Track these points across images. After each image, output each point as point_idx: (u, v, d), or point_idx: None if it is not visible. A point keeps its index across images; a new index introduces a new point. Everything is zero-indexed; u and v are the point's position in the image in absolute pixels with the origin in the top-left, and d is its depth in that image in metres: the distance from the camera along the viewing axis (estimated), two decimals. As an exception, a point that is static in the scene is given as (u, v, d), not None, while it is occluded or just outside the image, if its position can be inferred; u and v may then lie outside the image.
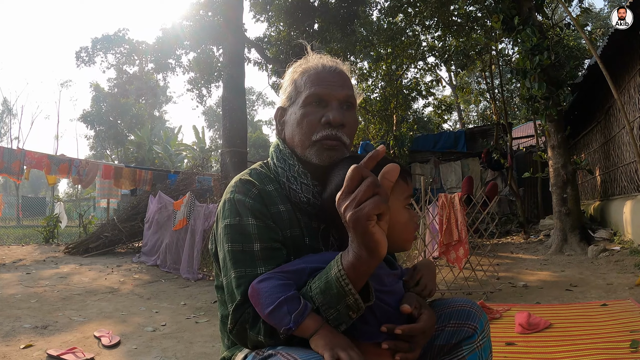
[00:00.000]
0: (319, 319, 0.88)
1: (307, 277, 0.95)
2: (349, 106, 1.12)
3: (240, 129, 10.64)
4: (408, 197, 1.04)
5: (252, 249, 0.99)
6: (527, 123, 18.74)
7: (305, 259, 0.99)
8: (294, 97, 1.13)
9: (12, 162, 8.97)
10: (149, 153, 28.23)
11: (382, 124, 12.27)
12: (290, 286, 0.91)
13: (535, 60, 6.30)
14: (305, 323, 0.86)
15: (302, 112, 1.09)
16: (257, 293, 0.91)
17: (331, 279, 0.86)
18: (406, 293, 1.07)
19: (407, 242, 1.05)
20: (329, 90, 1.09)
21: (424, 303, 1.06)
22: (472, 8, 11.55)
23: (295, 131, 1.10)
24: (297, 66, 1.17)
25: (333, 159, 1.07)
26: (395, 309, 1.00)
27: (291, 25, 12.83)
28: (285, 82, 1.18)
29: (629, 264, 4.88)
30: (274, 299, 0.88)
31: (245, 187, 1.05)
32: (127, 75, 20.00)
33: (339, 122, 1.07)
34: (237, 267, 0.99)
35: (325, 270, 0.89)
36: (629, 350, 2.37)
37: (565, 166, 6.58)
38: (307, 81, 1.11)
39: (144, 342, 3.07)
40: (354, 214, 0.77)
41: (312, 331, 0.86)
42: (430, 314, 1.01)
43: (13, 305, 4.16)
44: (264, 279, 0.93)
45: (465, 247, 4.20)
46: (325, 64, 1.14)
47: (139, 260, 7.30)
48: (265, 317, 0.90)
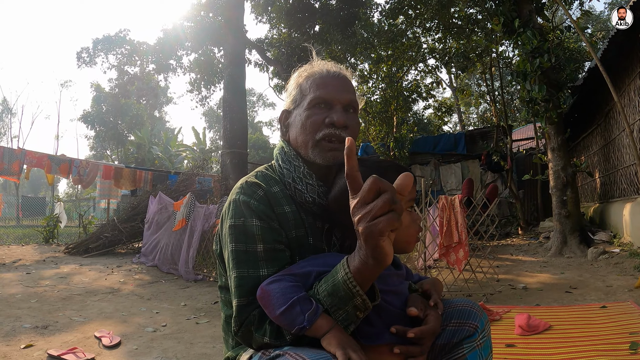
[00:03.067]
0: (331, 319, 0.90)
1: (313, 280, 0.96)
2: (352, 110, 1.16)
3: (240, 130, 10.65)
4: (411, 200, 1.05)
5: (255, 249, 1.01)
6: (527, 125, 18.76)
7: (311, 262, 1.01)
8: (299, 100, 1.16)
9: (12, 163, 8.98)
10: (149, 154, 28.20)
11: (382, 126, 12.30)
12: (300, 287, 0.93)
13: (535, 62, 6.32)
14: (318, 322, 0.88)
15: (307, 114, 1.12)
16: (268, 294, 0.92)
17: (338, 282, 0.88)
18: (411, 295, 1.09)
19: (408, 245, 1.06)
20: (333, 94, 1.12)
21: (428, 304, 1.08)
22: (472, 10, 11.59)
23: (299, 132, 1.13)
24: (302, 71, 1.20)
25: (337, 159, 1.09)
26: (400, 309, 1.01)
27: (292, 26, 12.86)
28: (290, 86, 1.21)
29: (629, 266, 4.89)
30: (286, 299, 0.90)
31: (251, 189, 1.07)
32: (128, 76, 20.03)
33: (343, 124, 1.10)
34: (239, 268, 1.01)
35: (332, 274, 0.91)
36: (629, 352, 2.38)
37: (565, 169, 6.59)
38: (312, 85, 1.14)
39: (144, 342, 3.07)
40: (367, 227, 0.78)
41: (325, 331, 0.88)
42: (436, 315, 1.03)
43: (13, 305, 4.16)
44: (274, 280, 0.94)
45: (465, 249, 4.21)
46: (329, 69, 1.17)
47: (139, 260, 7.30)
48: (276, 317, 0.91)
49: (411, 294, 1.11)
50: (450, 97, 25.86)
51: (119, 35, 17.90)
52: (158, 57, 16.24)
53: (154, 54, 16.42)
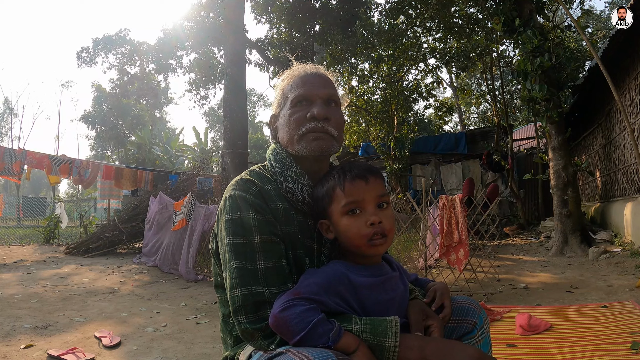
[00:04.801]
0: (357, 337, 0.93)
1: (325, 299, 0.97)
2: (334, 104, 1.19)
3: (241, 130, 10.64)
4: (347, 204, 1.05)
5: (252, 241, 1.03)
6: (527, 125, 18.74)
7: (318, 282, 1.00)
8: (283, 103, 1.21)
9: (13, 163, 8.98)
10: (150, 154, 28.23)
11: (383, 126, 12.29)
12: (317, 310, 0.94)
13: (536, 62, 6.31)
14: (344, 340, 0.91)
15: (290, 112, 1.16)
16: (284, 321, 0.92)
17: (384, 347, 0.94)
18: (411, 301, 1.10)
19: (360, 247, 1.05)
20: (312, 90, 1.16)
21: (431, 312, 1.10)
22: (472, 10, 11.57)
23: (285, 130, 1.17)
24: (283, 76, 1.25)
25: (322, 148, 1.12)
26: (396, 314, 1.02)
27: (292, 26, 12.85)
28: (275, 92, 1.26)
29: (630, 265, 4.88)
30: (305, 323, 0.91)
31: (246, 185, 1.10)
32: (128, 76, 20.04)
33: (323, 116, 1.13)
34: (237, 259, 1.03)
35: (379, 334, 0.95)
36: (630, 352, 2.37)
37: (566, 168, 6.57)
38: (292, 86, 1.19)
39: (144, 342, 3.07)
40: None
41: (354, 348, 0.91)
42: (440, 325, 1.06)
43: (13, 305, 4.16)
44: (287, 307, 0.94)
45: (465, 248, 4.20)
46: (307, 69, 1.22)
47: (139, 260, 7.30)
48: (296, 342, 0.91)
49: (412, 300, 1.12)
50: (450, 96, 25.84)
51: (119, 35, 17.86)
52: (158, 57, 16.24)
53: (154, 54, 16.42)
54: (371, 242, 1.02)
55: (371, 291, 1.03)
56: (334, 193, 1.07)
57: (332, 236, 1.09)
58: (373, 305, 1.02)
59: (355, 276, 1.02)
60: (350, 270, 1.03)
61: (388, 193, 1.11)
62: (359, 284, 1.02)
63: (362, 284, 1.02)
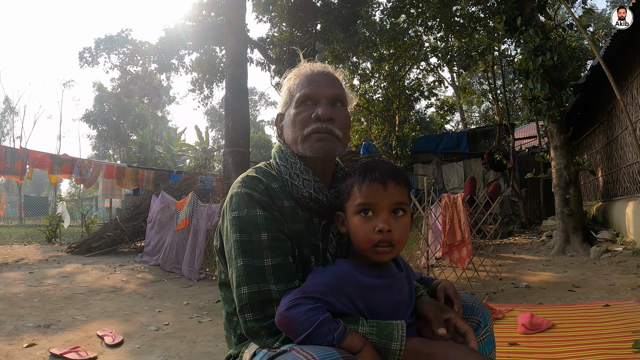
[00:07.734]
0: (362, 337, 0.93)
1: (330, 297, 0.97)
2: (340, 104, 1.18)
3: (242, 129, 10.63)
4: (360, 204, 1.03)
5: (259, 238, 1.03)
6: (529, 124, 18.70)
7: (325, 281, 0.99)
8: (289, 102, 1.21)
9: (15, 162, 9.00)
10: (151, 153, 28.24)
11: (384, 125, 12.27)
12: (322, 309, 0.94)
13: (537, 61, 6.30)
14: (349, 340, 0.91)
15: (295, 112, 1.16)
16: (290, 320, 0.93)
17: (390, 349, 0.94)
18: (423, 298, 1.11)
19: (364, 251, 1.03)
20: (317, 90, 1.15)
21: (445, 306, 1.10)
22: (474, 9, 11.55)
23: (290, 130, 1.16)
24: (290, 75, 1.24)
25: (326, 149, 1.11)
26: (402, 316, 1.02)
27: (294, 25, 12.86)
28: (282, 91, 1.25)
29: (632, 264, 4.87)
30: (311, 322, 0.91)
31: (252, 182, 1.09)
32: (130, 76, 20.07)
33: (328, 116, 1.12)
34: (244, 256, 1.02)
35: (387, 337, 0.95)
36: (632, 351, 2.37)
37: (567, 167, 6.56)
38: (298, 85, 1.18)
39: (147, 341, 3.07)
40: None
41: (359, 348, 0.91)
42: (458, 316, 1.07)
43: (16, 304, 4.18)
44: (293, 305, 0.94)
45: (468, 247, 4.20)
46: (314, 68, 1.21)
47: (141, 260, 7.31)
48: (301, 340, 0.91)
49: (423, 297, 1.11)
50: (452, 95, 25.79)
51: (121, 35, 17.91)
52: (160, 57, 16.26)
53: (156, 53, 16.45)
54: (375, 249, 1.01)
55: (379, 293, 1.02)
56: (352, 190, 1.06)
57: (345, 230, 1.08)
58: (381, 306, 1.02)
59: (363, 277, 1.01)
60: (358, 270, 1.02)
61: (408, 202, 1.07)
62: (367, 285, 1.01)
63: (370, 285, 1.02)
